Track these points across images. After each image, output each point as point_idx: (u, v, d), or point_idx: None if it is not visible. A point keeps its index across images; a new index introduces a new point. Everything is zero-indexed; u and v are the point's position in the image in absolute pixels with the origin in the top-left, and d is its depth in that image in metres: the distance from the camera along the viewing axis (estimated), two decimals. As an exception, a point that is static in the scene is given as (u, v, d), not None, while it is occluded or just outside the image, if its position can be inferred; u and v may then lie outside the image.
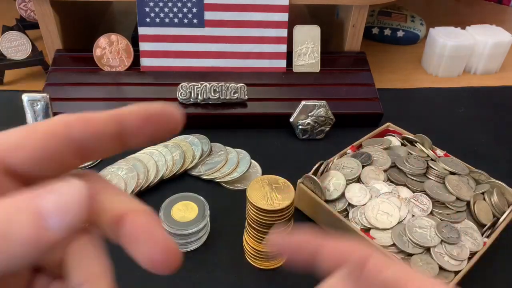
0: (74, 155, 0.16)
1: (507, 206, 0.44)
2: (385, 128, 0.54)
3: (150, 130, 0.17)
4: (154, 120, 0.17)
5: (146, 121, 0.17)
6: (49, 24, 0.60)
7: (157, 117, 0.17)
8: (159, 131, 0.17)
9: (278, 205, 0.36)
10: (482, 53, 0.72)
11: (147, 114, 0.17)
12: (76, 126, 0.16)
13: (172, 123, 0.17)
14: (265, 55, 0.60)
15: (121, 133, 0.17)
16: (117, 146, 0.17)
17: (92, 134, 0.16)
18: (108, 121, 0.16)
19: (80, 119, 0.16)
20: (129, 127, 0.17)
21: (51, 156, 0.16)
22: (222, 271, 0.41)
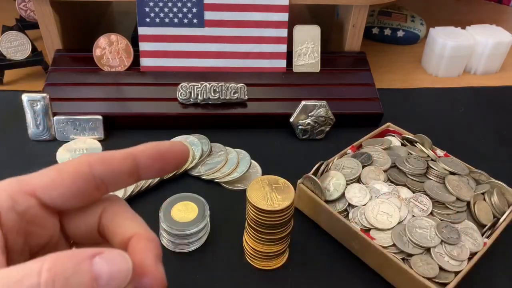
0: (96, 189, 0.19)
1: (507, 206, 0.44)
2: (385, 128, 0.54)
3: (160, 166, 0.20)
4: (164, 158, 0.20)
5: (157, 159, 0.19)
6: (49, 24, 0.60)
7: (166, 154, 0.20)
8: (168, 166, 0.20)
9: (278, 205, 0.36)
10: (482, 53, 0.72)
11: (159, 153, 0.20)
12: (98, 166, 0.19)
13: (180, 159, 0.20)
14: (265, 55, 0.60)
15: (136, 169, 0.19)
16: (131, 180, 0.20)
17: (111, 171, 0.19)
18: (125, 160, 0.19)
19: (101, 159, 0.19)
20: (143, 164, 0.19)
21: (77, 193, 0.19)
22: (222, 271, 0.41)
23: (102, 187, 0.19)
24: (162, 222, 0.41)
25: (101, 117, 0.54)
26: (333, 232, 0.44)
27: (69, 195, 0.19)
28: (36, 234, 0.19)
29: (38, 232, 0.19)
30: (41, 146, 0.53)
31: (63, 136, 0.54)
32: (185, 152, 0.20)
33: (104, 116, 0.54)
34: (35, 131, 0.53)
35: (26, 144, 0.53)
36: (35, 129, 0.53)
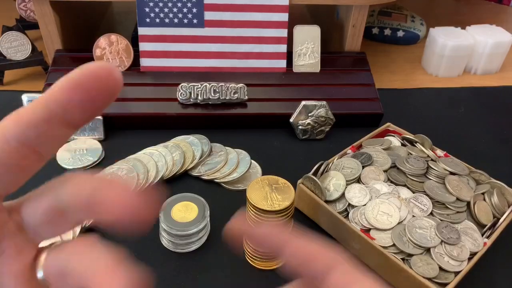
0: (21, 156, 0.15)
1: (507, 207, 0.44)
2: (385, 128, 0.54)
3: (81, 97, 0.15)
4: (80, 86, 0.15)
5: (72, 91, 0.15)
6: (49, 24, 0.60)
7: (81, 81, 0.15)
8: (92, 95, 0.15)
9: (278, 205, 0.36)
10: (482, 53, 0.72)
11: (69, 83, 0.15)
12: (7, 126, 0.15)
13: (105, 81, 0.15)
14: (265, 55, 0.60)
15: (54, 115, 0.15)
16: (60, 130, 0.16)
17: (24, 126, 0.15)
18: (34, 108, 0.15)
19: (10, 117, 0.16)
20: (58, 104, 0.15)
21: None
22: (222, 272, 0.41)
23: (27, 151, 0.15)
24: (162, 222, 0.41)
25: (101, 117, 0.54)
26: (333, 232, 0.44)
27: None
28: None
29: None
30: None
31: (63, 136, 0.54)
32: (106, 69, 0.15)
33: (104, 116, 0.54)
34: (35, 131, 0.53)
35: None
36: (35, 129, 0.53)
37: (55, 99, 0.15)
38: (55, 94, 0.15)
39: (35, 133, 0.15)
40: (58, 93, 0.15)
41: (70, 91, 0.15)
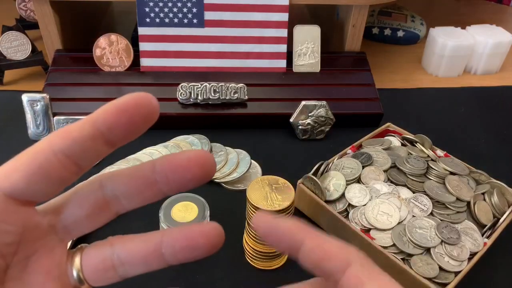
0: (64, 167, 0.17)
1: (507, 207, 0.44)
2: (385, 128, 0.54)
3: (125, 121, 0.17)
4: (126, 111, 0.17)
5: (118, 114, 0.17)
6: (49, 24, 0.60)
7: (128, 107, 0.17)
8: (135, 120, 0.17)
9: (278, 205, 0.36)
10: (482, 53, 0.72)
11: (117, 107, 0.17)
12: (55, 140, 0.17)
13: (146, 109, 0.18)
14: (265, 55, 0.60)
15: (100, 134, 0.17)
16: (102, 148, 0.18)
17: (71, 141, 0.17)
18: (83, 126, 0.17)
19: (58, 132, 0.17)
20: (105, 125, 0.17)
21: (41, 171, 0.17)
22: (222, 271, 0.41)
23: (69, 164, 0.17)
24: (162, 222, 0.41)
25: (101, 117, 0.54)
26: (333, 232, 0.44)
27: (30, 177, 0.17)
28: (1, 230, 0.17)
29: (3, 228, 0.17)
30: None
31: (63, 136, 0.54)
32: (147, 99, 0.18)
33: (104, 116, 0.54)
34: (35, 131, 0.53)
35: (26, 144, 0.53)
36: (35, 129, 0.53)
37: (103, 120, 0.17)
38: (103, 116, 0.17)
39: (80, 148, 0.17)
40: (106, 115, 0.17)
41: (116, 115, 0.17)
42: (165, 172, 0.19)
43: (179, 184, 0.19)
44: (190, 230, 0.19)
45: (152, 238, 0.20)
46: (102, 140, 0.17)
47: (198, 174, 0.19)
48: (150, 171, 0.19)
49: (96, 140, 0.17)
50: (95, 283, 0.20)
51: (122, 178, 0.19)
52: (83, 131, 0.17)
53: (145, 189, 0.19)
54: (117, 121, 0.17)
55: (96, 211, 0.19)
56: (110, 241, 0.20)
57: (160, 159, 0.19)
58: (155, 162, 0.19)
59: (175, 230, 0.20)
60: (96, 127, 0.17)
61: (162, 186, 0.19)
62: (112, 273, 0.20)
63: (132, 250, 0.20)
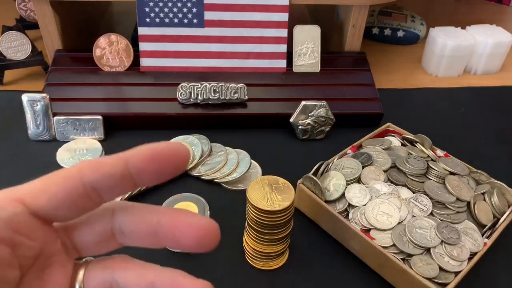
0: (89, 197, 0.18)
1: (507, 207, 0.44)
2: (385, 128, 0.54)
3: (155, 168, 0.18)
4: (159, 159, 0.18)
5: (151, 161, 0.18)
6: (49, 24, 0.60)
7: (161, 156, 0.18)
8: (165, 169, 0.18)
9: (278, 205, 0.36)
10: (482, 53, 0.72)
11: (152, 154, 0.18)
12: (87, 170, 0.18)
13: (178, 161, 0.18)
14: (265, 55, 0.60)
15: (129, 174, 0.18)
16: (127, 186, 0.19)
17: (101, 175, 0.18)
18: (115, 164, 0.18)
19: (91, 164, 0.18)
20: (135, 168, 0.18)
21: (67, 198, 0.18)
22: (222, 272, 0.41)
23: (94, 195, 0.18)
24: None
25: (101, 117, 0.54)
26: (333, 232, 0.44)
27: (57, 201, 0.18)
28: (24, 245, 0.18)
29: (26, 243, 0.18)
30: (41, 146, 0.53)
31: (63, 136, 0.54)
32: (183, 152, 0.18)
33: (104, 116, 0.54)
34: (35, 131, 0.53)
35: (26, 144, 0.53)
36: (35, 129, 0.53)
37: (135, 163, 0.18)
38: (136, 159, 0.18)
39: (108, 183, 0.18)
40: (139, 158, 0.18)
41: (149, 162, 0.18)
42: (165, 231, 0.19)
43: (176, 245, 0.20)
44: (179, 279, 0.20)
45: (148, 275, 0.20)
46: (130, 180, 0.18)
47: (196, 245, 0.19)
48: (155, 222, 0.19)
49: (124, 179, 0.18)
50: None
51: (130, 216, 0.20)
52: (115, 169, 0.18)
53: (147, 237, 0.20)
54: (148, 168, 0.18)
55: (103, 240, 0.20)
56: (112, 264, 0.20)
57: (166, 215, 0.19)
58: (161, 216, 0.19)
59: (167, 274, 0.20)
60: (127, 168, 0.18)
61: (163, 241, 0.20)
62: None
63: (130, 282, 0.20)
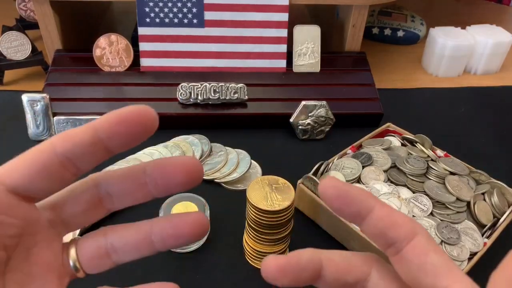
0: (64, 167, 0.19)
1: (508, 207, 0.44)
2: (385, 128, 0.54)
3: (125, 131, 0.19)
4: (126, 122, 0.18)
5: (118, 124, 0.18)
6: (49, 24, 0.60)
7: (128, 118, 0.18)
8: (134, 131, 0.19)
9: (278, 205, 0.36)
10: (482, 53, 0.72)
11: (118, 118, 0.18)
12: (58, 142, 0.18)
13: (146, 121, 0.19)
14: (265, 55, 0.60)
15: (99, 140, 0.18)
16: (100, 153, 0.19)
17: (72, 145, 0.18)
18: (84, 132, 0.18)
19: (61, 135, 0.19)
20: (105, 133, 0.18)
21: (42, 171, 0.18)
22: (222, 272, 0.41)
23: (69, 165, 0.19)
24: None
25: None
26: (333, 232, 0.44)
27: (32, 175, 0.18)
28: (5, 224, 0.18)
29: (7, 221, 0.18)
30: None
31: (63, 136, 0.54)
32: (149, 113, 0.19)
33: (104, 116, 0.54)
34: (35, 131, 0.53)
35: (26, 144, 0.53)
36: (35, 129, 0.53)
37: (104, 129, 0.18)
38: (104, 124, 0.18)
39: (81, 152, 0.18)
40: (107, 124, 0.18)
41: (117, 125, 0.18)
42: (154, 176, 0.20)
43: (167, 188, 0.20)
44: (176, 219, 0.21)
45: (143, 226, 0.21)
46: (102, 146, 0.19)
47: (185, 180, 0.20)
48: (141, 173, 0.20)
49: (96, 146, 0.18)
50: (91, 270, 0.21)
51: (115, 178, 0.21)
52: (85, 137, 0.18)
53: (135, 190, 0.21)
54: (117, 131, 0.18)
55: (90, 208, 0.21)
56: (103, 231, 0.22)
57: (151, 163, 0.20)
58: (146, 165, 0.20)
59: (162, 219, 0.21)
60: (97, 135, 0.18)
61: (151, 189, 0.21)
62: (106, 260, 0.21)
63: (125, 238, 0.21)
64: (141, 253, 0.21)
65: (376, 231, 0.20)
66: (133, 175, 0.21)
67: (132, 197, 0.21)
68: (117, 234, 0.21)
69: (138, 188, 0.21)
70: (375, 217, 0.19)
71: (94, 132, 0.18)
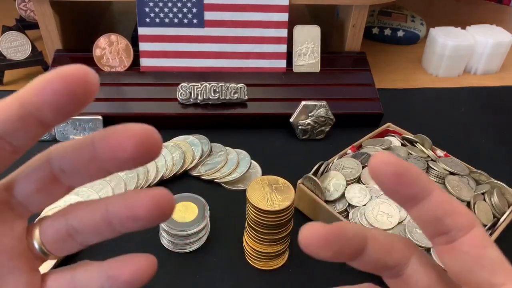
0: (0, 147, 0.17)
1: (507, 207, 0.44)
2: (385, 128, 0.54)
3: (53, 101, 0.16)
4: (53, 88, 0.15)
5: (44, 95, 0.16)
6: (49, 24, 0.60)
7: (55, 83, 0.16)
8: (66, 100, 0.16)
9: (278, 205, 0.36)
10: (482, 53, 0.72)
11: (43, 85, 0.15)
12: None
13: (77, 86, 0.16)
14: (265, 55, 0.60)
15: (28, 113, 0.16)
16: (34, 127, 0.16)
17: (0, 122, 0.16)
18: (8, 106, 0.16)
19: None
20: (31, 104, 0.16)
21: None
22: (222, 272, 0.41)
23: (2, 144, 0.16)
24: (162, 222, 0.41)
25: (101, 117, 0.54)
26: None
27: None
28: None
29: None
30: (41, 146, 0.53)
31: (63, 136, 0.54)
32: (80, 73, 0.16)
33: (104, 116, 0.54)
34: (35, 131, 0.53)
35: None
36: (35, 129, 0.53)
37: (29, 99, 0.15)
38: (29, 95, 0.16)
39: (11, 128, 0.16)
40: (32, 94, 0.15)
41: (43, 94, 0.15)
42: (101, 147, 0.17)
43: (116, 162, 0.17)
44: (131, 198, 0.18)
45: (98, 206, 0.19)
46: (33, 119, 0.16)
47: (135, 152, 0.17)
48: (90, 146, 0.17)
49: (26, 120, 0.16)
50: (58, 252, 0.20)
51: (66, 152, 0.18)
52: (10, 112, 0.16)
53: (87, 164, 0.18)
54: (44, 101, 0.15)
55: (46, 185, 0.19)
56: (64, 211, 0.20)
57: (98, 135, 0.17)
58: (94, 136, 0.17)
59: (117, 197, 0.19)
60: (23, 107, 0.16)
61: (101, 162, 0.17)
62: (71, 242, 0.19)
63: (83, 219, 0.19)
64: (103, 236, 0.19)
65: (431, 217, 0.18)
66: (82, 148, 0.18)
67: (86, 172, 0.18)
68: (76, 215, 0.19)
69: (89, 162, 0.18)
70: (434, 202, 0.18)
71: (20, 105, 0.16)
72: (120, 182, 0.47)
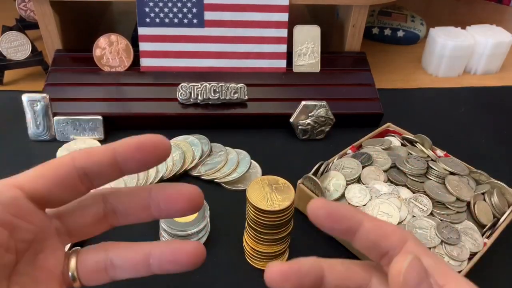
0: (80, 182, 0.20)
1: (507, 207, 0.44)
2: (385, 128, 0.54)
3: (140, 157, 0.20)
4: (143, 150, 0.20)
5: (136, 150, 0.20)
6: (49, 24, 0.60)
7: (145, 146, 0.20)
8: (149, 158, 0.20)
9: (278, 206, 0.36)
10: (482, 53, 0.72)
11: (137, 145, 0.20)
12: (79, 157, 0.20)
13: (160, 151, 0.20)
14: (265, 55, 0.60)
15: (116, 162, 0.20)
16: (115, 173, 0.21)
17: (91, 162, 0.20)
18: (104, 152, 0.20)
19: (83, 152, 0.20)
20: (122, 157, 0.20)
21: (61, 182, 0.20)
22: (222, 272, 0.41)
23: (85, 180, 0.20)
24: (162, 222, 0.41)
25: (101, 117, 0.54)
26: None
27: (52, 185, 0.20)
28: (22, 228, 0.19)
29: (24, 226, 0.19)
30: (41, 146, 0.53)
31: (63, 136, 0.54)
32: (164, 143, 0.21)
33: (104, 116, 0.54)
34: (35, 131, 0.53)
35: (26, 144, 0.53)
36: (35, 129, 0.53)
37: (123, 152, 0.20)
38: (123, 148, 0.20)
39: (98, 170, 0.20)
40: (127, 148, 0.20)
41: (134, 151, 0.20)
42: (158, 200, 0.22)
43: (168, 212, 0.22)
44: (176, 246, 0.22)
45: (143, 247, 0.22)
46: (117, 167, 0.20)
47: (186, 208, 0.22)
48: (147, 195, 0.22)
49: (112, 167, 0.20)
50: (87, 282, 0.22)
51: (122, 196, 0.22)
52: (104, 157, 0.20)
53: (139, 210, 0.22)
54: (134, 156, 0.20)
55: (95, 221, 0.22)
56: (104, 246, 0.22)
57: (157, 187, 0.22)
58: (151, 188, 0.22)
59: (163, 244, 0.22)
60: (115, 156, 0.20)
61: (153, 211, 0.22)
62: (103, 274, 0.22)
63: (124, 257, 0.22)
64: (138, 273, 0.22)
65: (369, 243, 0.20)
66: (139, 195, 0.22)
67: (136, 216, 0.22)
68: (118, 252, 0.22)
69: (142, 208, 0.22)
70: (366, 230, 0.20)
71: (113, 154, 0.20)
72: (120, 182, 0.47)
